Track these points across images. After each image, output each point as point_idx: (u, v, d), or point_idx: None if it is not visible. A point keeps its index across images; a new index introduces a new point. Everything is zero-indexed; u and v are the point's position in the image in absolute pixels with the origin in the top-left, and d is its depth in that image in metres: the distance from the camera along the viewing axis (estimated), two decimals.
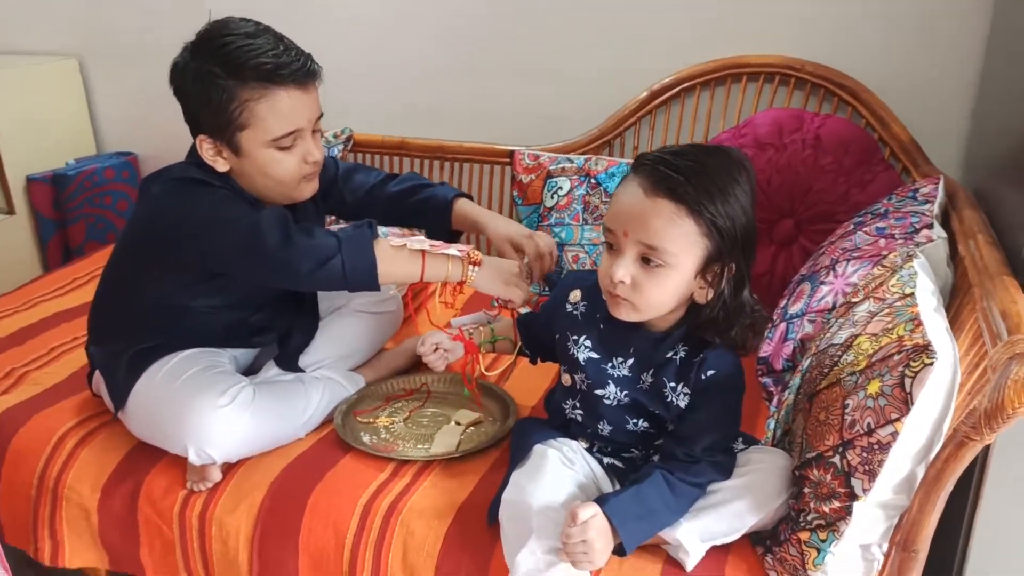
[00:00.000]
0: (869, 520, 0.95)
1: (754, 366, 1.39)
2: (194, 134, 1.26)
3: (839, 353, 1.04)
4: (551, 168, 1.89)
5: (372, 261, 1.19)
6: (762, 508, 1.05)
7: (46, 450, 1.36)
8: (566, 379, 1.17)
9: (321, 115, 1.30)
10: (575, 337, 1.13)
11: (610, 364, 1.10)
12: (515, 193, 1.95)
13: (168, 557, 1.29)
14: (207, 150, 1.25)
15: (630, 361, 1.09)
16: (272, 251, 1.17)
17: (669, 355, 1.07)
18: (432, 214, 1.44)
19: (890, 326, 0.98)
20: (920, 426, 0.89)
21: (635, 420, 1.11)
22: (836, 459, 0.95)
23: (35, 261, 2.46)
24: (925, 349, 0.87)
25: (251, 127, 1.21)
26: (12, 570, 1.08)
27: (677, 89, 1.92)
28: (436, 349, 1.25)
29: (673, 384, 1.06)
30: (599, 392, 1.11)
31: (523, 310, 1.32)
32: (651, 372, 1.08)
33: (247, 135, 1.22)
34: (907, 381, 0.87)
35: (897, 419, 0.88)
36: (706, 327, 1.03)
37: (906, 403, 0.87)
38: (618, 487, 1.15)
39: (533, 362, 1.34)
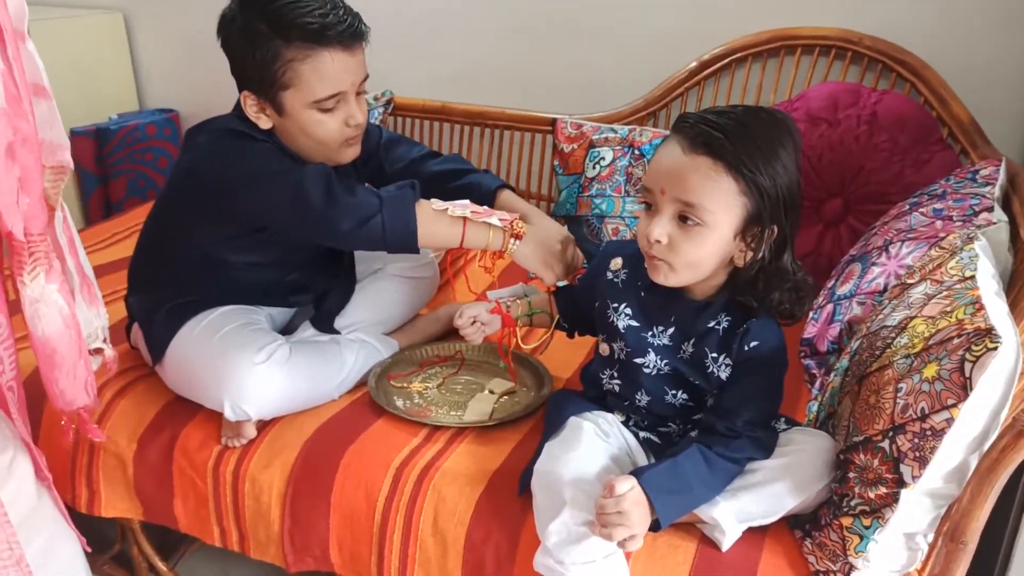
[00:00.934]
0: (916, 508, 0.92)
1: (797, 347, 1.35)
2: (240, 89, 1.25)
3: (892, 335, 1.00)
4: (594, 138, 1.86)
5: (412, 222, 1.18)
6: (803, 491, 1.02)
7: None
8: (604, 348, 1.15)
9: (367, 77, 1.28)
10: (615, 305, 1.11)
11: (650, 333, 1.08)
12: (556, 162, 1.91)
13: (201, 510, 1.30)
14: (251, 106, 1.24)
15: (671, 330, 1.07)
16: (314, 207, 1.16)
17: (711, 324, 1.04)
18: (473, 201, 1.41)
19: (949, 309, 0.94)
20: (977, 414, 0.85)
21: (674, 391, 1.09)
22: (885, 444, 0.92)
23: (77, 214, 2.49)
24: (988, 333, 0.83)
25: (294, 87, 1.20)
26: None
27: (727, 60, 1.87)
28: (473, 322, 1.24)
29: (715, 354, 1.04)
30: (638, 360, 1.09)
31: (561, 283, 1.29)
32: (692, 342, 1.06)
33: (290, 95, 1.21)
34: (967, 366, 0.83)
35: (954, 405, 0.84)
36: (744, 290, 1.01)
37: (965, 389, 0.83)
38: (653, 461, 1.13)
39: (570, 335, 1.32)
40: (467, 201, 1.23)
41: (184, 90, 2.56)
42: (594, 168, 1.82)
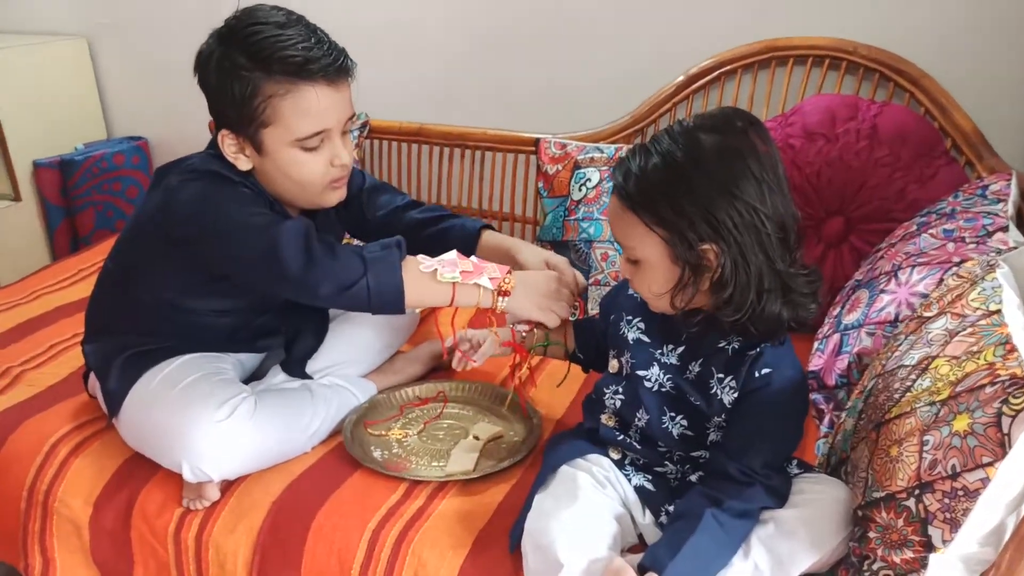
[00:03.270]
0: (948, 575, 0.83)
1: None
2: (217, 128, 1.17)
3: (912, 376, 0.91)
4: (579, 158, 1.77)
5: (399, 288, 1.10)
6: (818, 548, 0.93)
7: (37, 459, 1.27)
8: (613, 365, 1.09)
9: (353, 115, 1.20)
10: (629, 317, 1.07)
11: (659, 351, 1.03)
12: (540, 184, 1.82)
13: None
14: (229, 146, 1.16)
15: (680, 349, 1.02)
16: (291, 271, 1.07)
17: (721, 344, 0.98)
18: (455, 244, 1.32)
19: (975, 349, 0.85)
20: (1016, 472, 0.76)
21: (672, 414, 1.02)
22: (911, 503, 0.82)
23: (43, 249, 2.38)
24: None
25: (274, 124, 1.12)
26: None
27: (716, 73, 1.78)
28: (469, 348, 1.21)
29: (721, 375, 0.97)
30: (641, 373, 1.03)
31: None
32: (700, 361, 1.00)
33: (270, 132, 1.12)
34: (1005, 420, 0.74)
35: (990, 463, 0.75)
36: (730, 308, 0.92)
37: (1003, 445, 0.74)
38: (648, 516, 1.05)
39: (586, 370, 1.26)
40: (454, 254, 1.15)
41: (153, 117, 2.46)
42: (580, 190, 1.73)
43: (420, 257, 1.14)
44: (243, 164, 1.17)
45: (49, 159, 2.30)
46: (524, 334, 1.20)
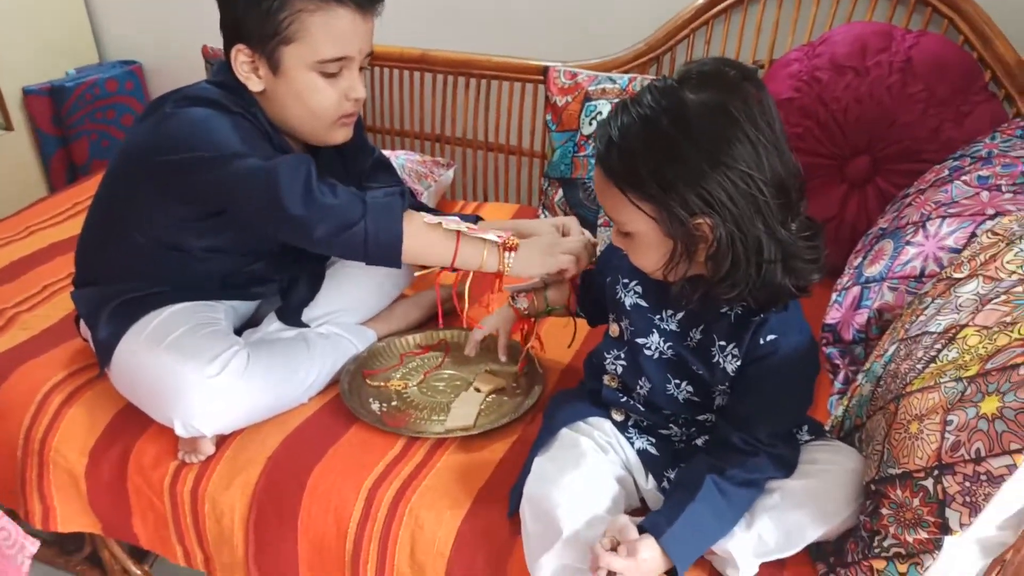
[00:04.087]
0: (962, 557, 0.79)
1: (818, 334, 1.21)
2: (229, 46, 1.11)
3: (937, 346, 0.85)
4: (590, 89, 1.67)
5: (398, 235, 1.05)
6: (827, 520, 0.90)
7: (31, 408, 1.25)
8: (614, 329, 1.04)
9: (372, 53, 1.15)
10: (625, 280, 1.01)
11: (658, 316, 0.98)
12: (548, 117, 1.73)
13: (162, 530, 1.19)
14: (242, 64, 1.11)
15: (680, 315, 0.96)
16: (286, 206, 1.02)
17: (723, 310, 0.92)
18: None
19: (1009, 319, 0.79)
20: None
21: (677, 381, 0.98)
22: (928, 483, 0.78)
23: (39, 180, 2.32)
24: None
25: (298, 41, 1.08)
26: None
27: None
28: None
29: (723, 343, 0.92)
30: (640, 341, 0.99)
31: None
32: (701, 328, 0.95)
33: (291, 50, 1.09)
34: None
35: (1019, 450, 0.70)
36: (719, 285, 0.86)
37: None
38: (651, 481, 1.02)
39: (592, 325, 1.22)
40: (457, 217, 1.11)
41: (146, 39, 2.34)
42: (591, 124, 1.63)
43: (423, 212, 1.10)
44: (254, 84, 1.12)
45: (39, 85, 2.21)
46: (525, 309, 1.17)
